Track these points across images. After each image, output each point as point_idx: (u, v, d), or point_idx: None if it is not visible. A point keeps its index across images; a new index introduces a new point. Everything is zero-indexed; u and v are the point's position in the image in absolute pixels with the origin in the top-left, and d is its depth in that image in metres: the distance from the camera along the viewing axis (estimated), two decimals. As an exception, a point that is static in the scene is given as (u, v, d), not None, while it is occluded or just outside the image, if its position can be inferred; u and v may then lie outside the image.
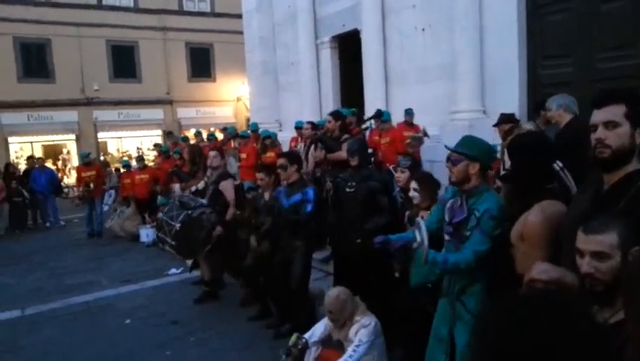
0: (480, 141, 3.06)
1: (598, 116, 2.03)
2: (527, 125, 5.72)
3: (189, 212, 5.93)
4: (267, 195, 5.58)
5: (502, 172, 2.69)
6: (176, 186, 7.01)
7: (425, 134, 7.61)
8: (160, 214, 6.28)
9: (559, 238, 2.21)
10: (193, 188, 6.60)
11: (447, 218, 3.09)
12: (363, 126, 8.07)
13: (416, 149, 7.60)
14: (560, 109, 4.52)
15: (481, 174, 2.94)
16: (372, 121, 8.24)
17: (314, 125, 7.69)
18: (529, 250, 2.35)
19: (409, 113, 8.22)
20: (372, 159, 6.86)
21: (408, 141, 7.81)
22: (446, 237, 3.10)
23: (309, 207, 4.99)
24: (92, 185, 11.43)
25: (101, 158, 22.51)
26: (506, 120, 5.70)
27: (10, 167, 14.40)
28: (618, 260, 1.64)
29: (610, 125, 1.98)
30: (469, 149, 2.95)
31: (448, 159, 3.01)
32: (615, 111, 1.98)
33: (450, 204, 3.08)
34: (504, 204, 2.89)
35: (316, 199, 5.07)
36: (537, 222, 2.35)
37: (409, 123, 8.16)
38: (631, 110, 1.96)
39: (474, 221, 2.86)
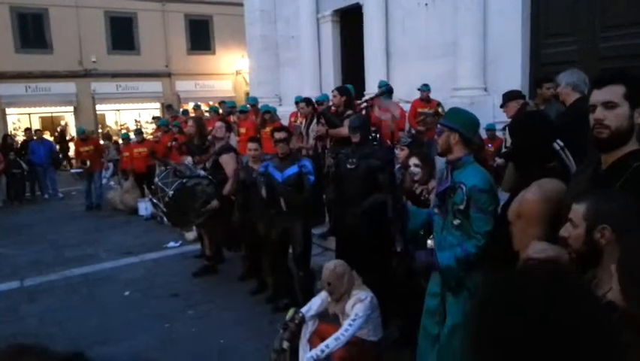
0: (463, 112, 3.12)
1: (597, 96, 2.03)
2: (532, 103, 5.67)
3: (184, 181, 5.91)
4: (255, 166, 5.52)
5: (504, 150, 2.70)
6: (188, 159, 6.94)
7: (439, 105, 7.51)
8: (156, 179, 6.29)
9: (557, 216, 2.22)
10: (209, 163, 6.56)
11: (435, 190, 3.20)
12: (363, 100, 8.01)
13: (429, 126, 7.52)
14: (567, 87, 4.33)
15: (464, 145, 2.97)
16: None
17: (309, 102, 7.66)
18: (526, 228, 2.36)
19: (422, 88, 7.95)
20: (377, 135, 6.84)
21: (420, 118, 7.76)
22: (435, 210, 3.18)
23: (311, 178, 4.99)
24: (88, 162, 11.47)
25: (99, 130, 22.44)
26: (515, 97, 5.53)
27: (7, 138, 14.35)
28: (581, 230, 1.81)
29: (609, 105, 1.98)
30: (450, 120, 3.04)
31: None
32: (615, 92, 1.98)
33: (438, 179, 3.22)
34: (491, 178, 2.97)
35: (315, 170, 5.07)
36: (534, 200, 2.35)
37: (424, 99, 8.00)
38: (630, 91, 1.96)
39: (461, 196, 2.89)
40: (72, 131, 22.34)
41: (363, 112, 6.53)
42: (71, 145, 17.72)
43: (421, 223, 3.45)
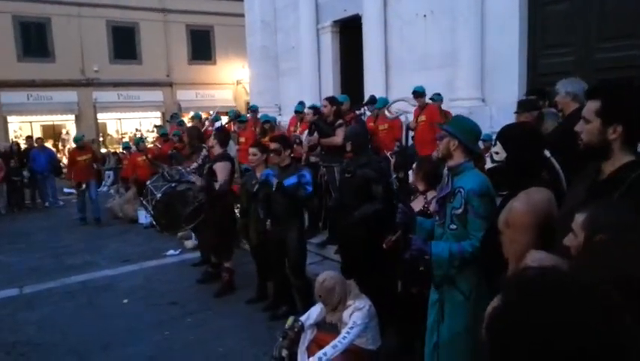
0: (466, 120, 3.18)
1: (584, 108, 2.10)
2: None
3: (173, 185, 5.87)
4: (257, 172, 5.50)
5: (489, 165, 2.66)
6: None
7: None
8: (148, 182, 6.27)
9: (546, 225, 2.25)
10: (193, 166, 6.55)
11: (436, 197, 3.22)
12: (358, 112, 8.05)
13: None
14: (567, 96, 4.15)
15: (464, 152, 3.00)
16: (367, 107, 8.20)
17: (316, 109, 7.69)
18: (515, 237, 2.38)
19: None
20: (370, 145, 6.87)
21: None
22: (436, 218, 3.18)
23: (309, 188, 5.03)
24: (83, 185, 11.04)
25: (100, 139, 22.48)
26: (531, 108, 5.33)
27: (13, 145, 14.41)
28: (580, 240, 1.76)
29: (585, 119, 2.04)
30: (451, 126, 3.09)
31: None
32: (590, 107, 2.03)
33: (440, 186, 3.25)
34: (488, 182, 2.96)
35: (313, 180, 5.10)
36: (522, 209, 2.37)
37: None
38: (604, 107, 1.98)
39: (460, 201, 2.90)
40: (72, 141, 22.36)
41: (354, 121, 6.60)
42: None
43: (426, 234, 3.42)
